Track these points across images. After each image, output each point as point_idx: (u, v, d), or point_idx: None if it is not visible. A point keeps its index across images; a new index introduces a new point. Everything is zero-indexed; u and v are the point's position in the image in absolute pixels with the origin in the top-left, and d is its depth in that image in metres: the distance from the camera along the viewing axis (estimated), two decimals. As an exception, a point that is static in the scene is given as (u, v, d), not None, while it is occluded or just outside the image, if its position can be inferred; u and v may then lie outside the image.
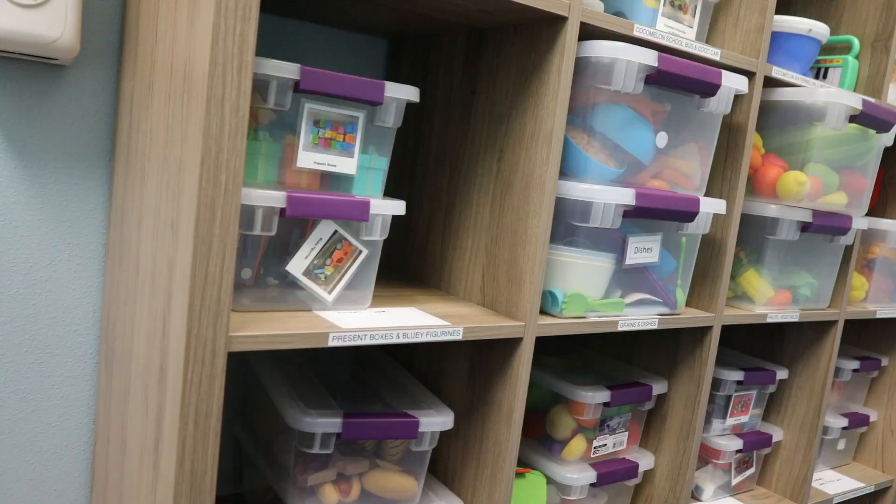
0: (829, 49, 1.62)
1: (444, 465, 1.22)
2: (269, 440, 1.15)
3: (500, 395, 1.10)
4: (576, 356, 1.54)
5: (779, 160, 1.39)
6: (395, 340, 0.94)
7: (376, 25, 1.28)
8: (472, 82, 1.19)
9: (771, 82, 1.36)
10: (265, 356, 1.23)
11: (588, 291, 1.14)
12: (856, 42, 1.55)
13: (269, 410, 1.15)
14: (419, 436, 1.05)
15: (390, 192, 1.40)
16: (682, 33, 1.24)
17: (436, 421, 1.06)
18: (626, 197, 1.10)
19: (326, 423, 1.00)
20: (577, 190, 1.07)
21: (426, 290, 1.23)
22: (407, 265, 1.34)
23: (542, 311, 1.14)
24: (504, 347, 1.10)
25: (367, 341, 0.92)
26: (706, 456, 1.56)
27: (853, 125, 1.41)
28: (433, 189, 1.27)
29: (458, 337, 1.00)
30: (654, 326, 1.22)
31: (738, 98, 1.30)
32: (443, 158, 1.25)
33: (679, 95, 1.19)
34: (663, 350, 1.41)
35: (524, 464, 1.35)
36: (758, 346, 1.73)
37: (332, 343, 0.89)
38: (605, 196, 1.08)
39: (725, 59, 1.22)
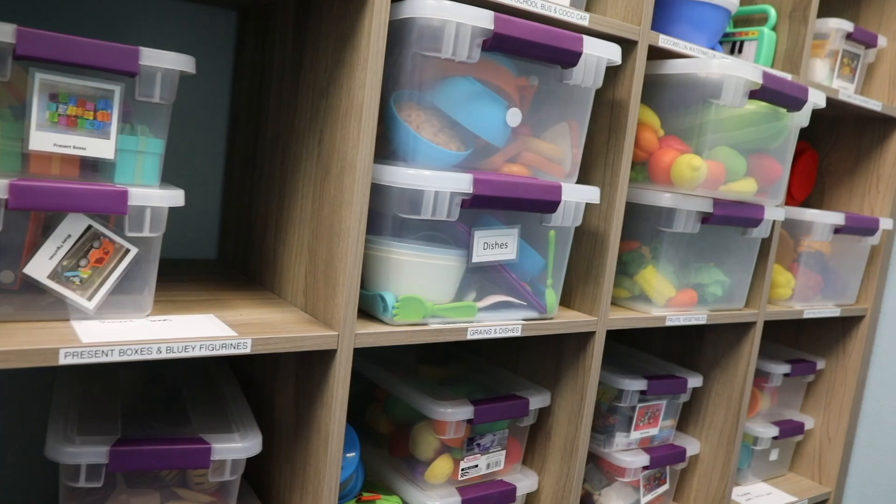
0: (744, 21, 1.46)
1: (276, 491, 1.07)
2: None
3: (319, 416, 0.95)
4: (458, 364, 1.39)
5: (678, 143, 1.23)
6: (154, 356, 0.78)
7: (203, -9, 1.12)
8: (300, 55, 1.03)
9: (660, 53, 1.20)
10: (76, 370, 1.07)
11: (430, 294, 0.99)
12: (772, 12, 1.39)
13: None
14: (211, 464, 0.90)
15: (237, 182, 1.24)
16: (548, -4, 1.08)
17: (235, 447, 0.91)
18: (462, 184, 0.94)
19: (91, 453, 0.84)
20: (402, 176, 0.92)
21: (254, 293, 1.07)
22: (247, 264, 1.19)
23: (375, 318, 0.99)
24: (322, 361, 0.94)
25: (113, 357, 0.76)
26: (612, 473, 1.41)
27: (762, 103, 1.25)
28: (269, 177, 1.12)
29: (246, 350, 0.84)
30: (517, 334, 1.06)
31: (617, 71, 1.14)
32: (276, 142, 1.10)
33: (545, 67, 1.04)
34: (548, 358, 1.26)
35: (385, 487, 1.20)
36: (676, 351, 1.58)
37: (64, 361, 0.74)
38: (435, 183, 0.92)
39: (596, 24, 1.06)
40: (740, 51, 1.42)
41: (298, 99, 1.03)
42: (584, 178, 1.19)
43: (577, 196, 1.05)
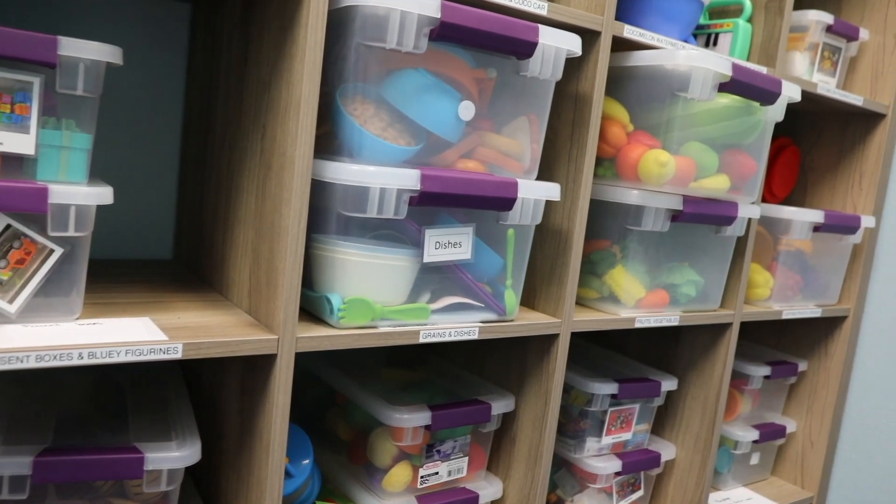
0: (719, 12, 1.41)
1: (223, 500, 1.03)
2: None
3: (261, 423, 0.91)
4: (423, 368, 1.34)
5: (648, 138, 1.19)
6: (74, 362, 0.74)
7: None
8: (245, 47, 0.99)
9: (627, 45, 1.16)
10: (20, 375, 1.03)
11: (380, 296, 0.95)
12: (747, 3, 1.34)
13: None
14: (145, 474, 0.86)
15: (190, 180, 1.20)
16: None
17: (171, 456, 0.86)
18: (409, 180, 0.90)
19: (13, 464, 0.80)
20: (345, 172, 0.87)
21: (201, 294, 1.03)
22: (199, 265, 1.15)
23: (324, 321, 0.95)
24: (263, 366, 0.90)
25: (30, 364, 0.72)
26: (584, 479, 1.37)
27: (735, 97, 1.21)
28: (217, 175, 1.08)
29: (177, 355, 0.80)
30: (474, 336, 1.02)
31: (580, 63, 1.10)
32: (224, 138, 1.06)
33: (503, 59, 1.00)
34: (513, 361, 1.21)
35: (342, 495, 1.16)
36: (652, 353, 1.53)
37: (-27, 368, 0.70)
38: (380, 179, 0.88)
39: (556, 14, 1.02)
40: (715, 43, 1.38)
41: (244, 93, 0.99)
42: (547, 175, 1.15)
43: (535, 193, 1.01)
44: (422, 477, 1.13)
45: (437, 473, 1.15)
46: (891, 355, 1.63)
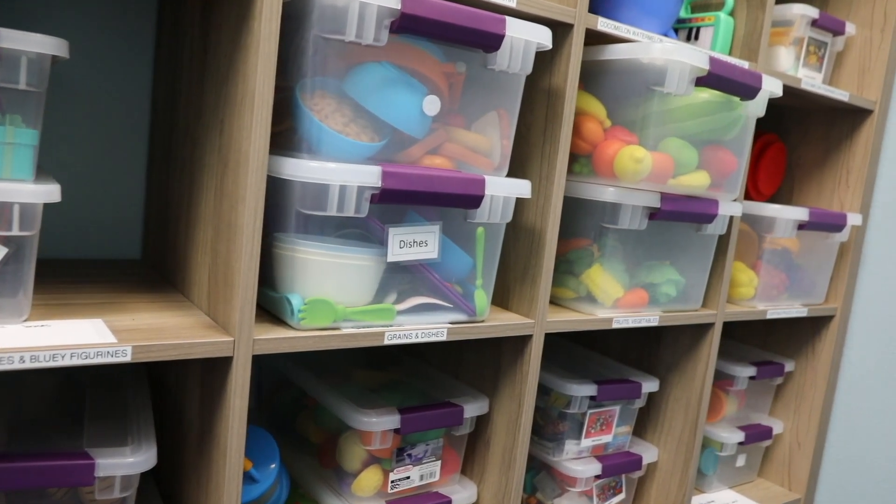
0: (701, 6, 1.39)
1: (186, 508, 1.00)
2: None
3: (218, 427, 0.88)
4: (398, 369, 1.32)
5: (625, 134, 1.16)
6: (16, 366, 0.72)
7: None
8: (206, 39, 0.96)
9: (602, 38, 1.13)
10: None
11: (343, 296, 0.92)
12: (729, -4, 1.32)
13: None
14: (96, 481, 0.83)
15: (156, 178, 1.17)
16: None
17: (125, 462, 0.84)
18: (370, 177, 0.87)
19: (-43, 472, 0.77)
20: (303, 169, 0.85)
21: (163, 295, 1.00)
22: (164, 264, 1.12)
23: (285, 322, 0.92)
24: (221, 369, 0.87)
25: (-34, 369, 0.69)
26: (563, 482, 1.34)
27: (715, 92, 1.18)
28: (181, 172, 1.05)
29: (126, 358, 0.77)
30: (442, 338, 0.99)
31: (552, 57, 1.07)
32: (186, 134, 1.03)
33: (471, 53, 0.97)
34: (488, 363, 1.19)
35: (312, 499, 1.13)
36: (634, 353, 1.51)
37: None
38: (340, 176, 0.86)
39: (525, 6, 0.99)
40: (696, 37, 1.35)
41: (205, 87, 0.96)
42: (520, 171, 1.12)
43: (504, 190, 0.98)
44: (392, 481, 1.10)
45: (408, 478, 1.12)
46: (878, 355, 1.61)
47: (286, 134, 0.91)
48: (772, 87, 1.21)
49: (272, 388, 1.34)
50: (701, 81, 1.11)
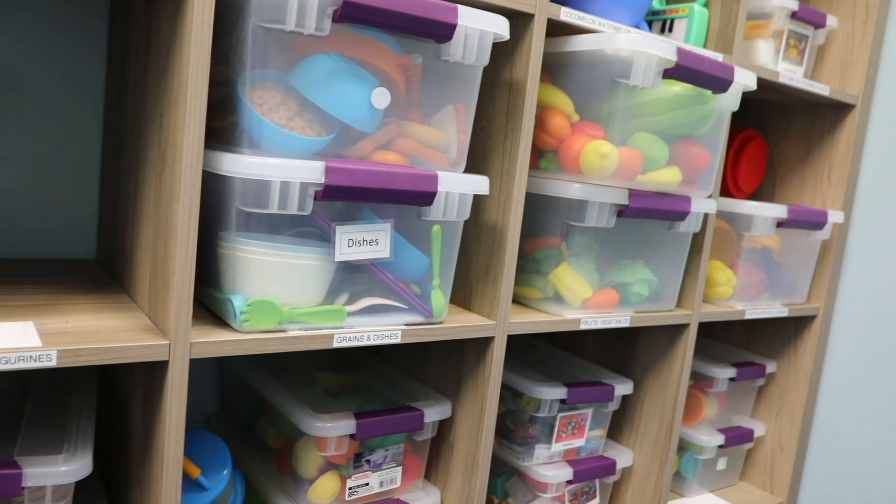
0: (675, -4, 1.35)
1: (132, 517, 0.97)
2: None
3: (157, 435, 0.85)
4: (363, 372, 1.28)
5: (594, 129, 1.12)
6: (-72, 372, 0.68)
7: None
8: (149, 31, 0.93)
9: (567, 29, 1.09)
10: None
11: (290, 297, 0.88)
12: (703, -14, 1.28)
13: None
14: (24, 491, 0.80)
15: (108, 175, 1.14)
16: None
17: (55, 471, 0.80)
18: (313, 173, 0.83)
19: None
20: (242, 165, 0.81)
21: (107, 296, 0.97)
22: (114, 264, 1.08)
23: (228, 325, 0.88)
24: (161, 373, 0.84)
25: None
26: (535, 487, 1.30)
27: (687, 85, 1.14)
28: (128, 168, 1.01)
29: (52, 363, 0.74)
30: (396, 340, 0.95)
31: (514, 48, 1.04)
32: (133, 128, 0.99)
33: (426, 44, 0.93)
34: (451, 366, 1.15)
35: (268, 508, 1.10)
36: (610, 355, 1.47)
37: None
38: (281, 172, 0.82)
39: (482, -4, 0.96)
40: (671, 29, 1.31)
41: (148, 80, 0.92)
42: (483, 167, 1.09)
43: (460, 186, 0.95)
44: (350, 488, 1.07)
45: (367, 484, 1.08)
46: (862, 355, 1.57)
47: (230, 129, 0.88)
48: (745, 80, 1.17)
49: (235, 392, 1.30)
50: (668, 74, 1.07)
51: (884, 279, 1.54)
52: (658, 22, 1.34)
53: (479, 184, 0.97)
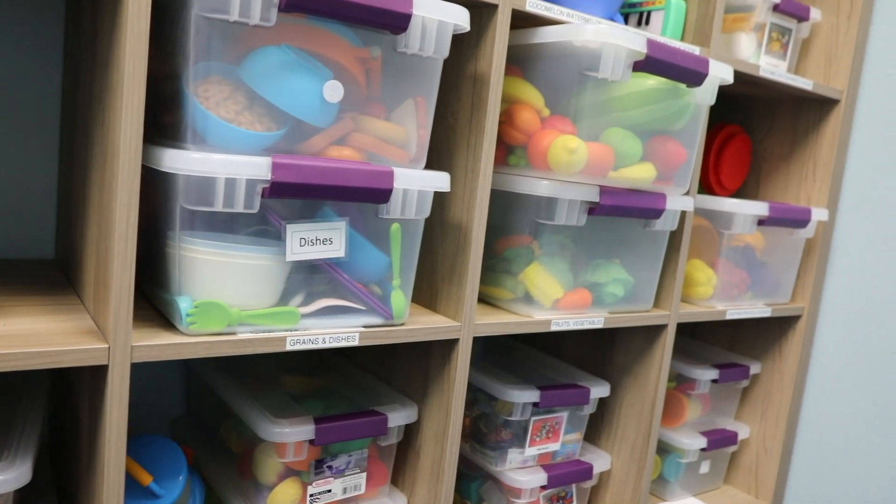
0: (652, -11, 1.31)
1: (81, 526, 0.93)
2: None
3: (99, 441, 0.81)
4: (330, 374, 1.25)
5: (564, 124, 1.09)
6: None
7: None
8: (95, 23, 0.89)
9: (532, 20, 1.06)
10: None
11: (240, 299, 0.85)
12: (680, -22, 1.24)
13: None
14: (-42, 503, 0.77)
15: (64, 173, 1.11)
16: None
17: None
18: (259, 169, 0.80)
19: None
20: (184, 161, 0.78)
21: (55, 298, 0.94)
22: (67, 265, 1.05)
23: (176, 328, 0.85)
24: (102, 378, 0.81)
25: None
26: (508, 492, 1.27)
27: (661, 79, 1.11)
28: (80, 167, 0.98)
29: (-21, 368, 0.71)
30: (354, 343, 0.92)
31: (478, 40, 1.00)
32: (82, 126, 0.96)
33: (384, 36, 0.90)
34: (417, 368, 1.12)
35: (228, 515, 1.07)
36: (588, 357, 1.44)
37: None
38: (225, 168, 0.79)
39: (441, -14, 0.92)
40: (647, 22, 1.28)
41: (94, 74, 0.89)
42: (448, 163, 1.06)
43: (418, 183, 0.91)
44: (311, 495, 1.04)
45: (329, 491, 1.05)
46: (848, 356, 1.53)
47: (177, 125, 0.84)
48: (721, 74, 1.14)
49: (200, 395, 1.27)
50: (639, 66, 1.04)
51: (870, 278, 1.50)
52: (635, 15, 1.30)
53: (439, 180, 0.93)
